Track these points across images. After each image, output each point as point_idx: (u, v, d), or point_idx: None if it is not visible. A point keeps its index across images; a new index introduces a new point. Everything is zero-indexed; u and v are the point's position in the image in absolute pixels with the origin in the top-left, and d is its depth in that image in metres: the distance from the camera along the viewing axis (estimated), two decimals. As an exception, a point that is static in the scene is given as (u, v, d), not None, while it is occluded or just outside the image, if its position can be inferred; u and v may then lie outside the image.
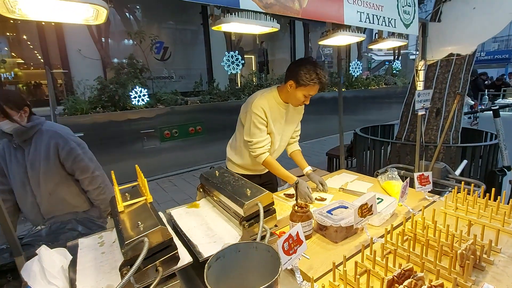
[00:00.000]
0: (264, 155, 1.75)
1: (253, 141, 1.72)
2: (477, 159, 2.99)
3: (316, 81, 1.57)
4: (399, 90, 9.62)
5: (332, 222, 1.27)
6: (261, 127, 1.71)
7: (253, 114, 1.68)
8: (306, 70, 1.56)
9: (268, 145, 1.76)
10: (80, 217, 1.56)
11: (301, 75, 1.57)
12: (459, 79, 3.15)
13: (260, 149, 1.73)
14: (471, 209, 1.41)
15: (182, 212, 1.44)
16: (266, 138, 1.74)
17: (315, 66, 1.57)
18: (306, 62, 1.58)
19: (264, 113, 1.68)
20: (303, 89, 1.61)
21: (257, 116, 1.68)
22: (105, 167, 1.58)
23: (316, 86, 1.60)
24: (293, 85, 1.62)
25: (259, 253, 0.87)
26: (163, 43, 7.50)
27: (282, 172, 1.77)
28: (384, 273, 0.99)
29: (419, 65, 1.73)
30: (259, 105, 1.68)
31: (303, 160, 1.94)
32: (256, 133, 1.71)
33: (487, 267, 1.02)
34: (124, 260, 0.89)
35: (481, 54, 19.19)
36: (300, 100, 1.67)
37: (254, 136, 1.71)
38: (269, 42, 10.61)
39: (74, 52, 6.05)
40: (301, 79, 1.57)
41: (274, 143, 1.82)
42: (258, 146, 1.73)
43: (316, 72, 1.56)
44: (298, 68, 1.58)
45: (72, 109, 4.51)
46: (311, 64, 1.57)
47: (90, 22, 0.67)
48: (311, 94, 1.64)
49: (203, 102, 5.85)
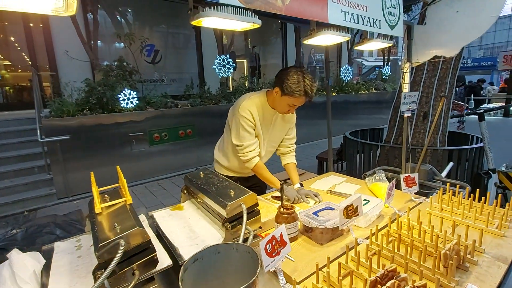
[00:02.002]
0: (255, 159, 1.70)
1: (244, 145, 1.67)
2: (464, 162, 3.03)
3: (301, 93, 1.51)
4: (388, 95, 9.78)
5: (318, 224, 1.26)
6: (249, 130, 1.67)
7: (240, 117, 1.64)
8: (293, 79, 1.50)
9: (258, 149, 1.72)
10: (59, 220, 1.50)
11: (287, 84, 1.51)
12: (445, 83, 3.21)
13: (251, 153, 1.69)
14: (456, 210, 1.41)
15: (165, 214, 1.40)
16: (256, 141, 1.71)
17: (304, 77, 1.51)
18: (295, 72, 1.52)
19: (251, 115, 1.65)
20: (287, 99, 1.55)
21: (244, 119, 1.64)
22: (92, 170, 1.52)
23: (302, 98, 1.54)
24: (279, 93, 1.57)
25: (239, 255, 0.84)
26: (154, 46, 7.45)
27: (269, 177, 1.73)
28: (368, 274, 0.97)
29: (404, 67, 1.75)
30: (246, 107, 1.64)
31: (295, 175, 1.85)
32: (246, 136, 1.66)
33: (471, 267, 1.01)
34: (98, 263, 0.86)
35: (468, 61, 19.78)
36: (285, 108, 1.62)
37: (244, 139, 1.67)
38: (261, 46, 10.68)
39: (61, 54, 5.94)
40: (286, 88, 1.52)
41: (261, 148, 1.78)
42: (249, 149, 1.68)
43: (304, 83, 1.50)
44: (285, 76, 1.52)
45: (58, 111, 4.41)
46: (299, 74, 1.51)
47: (60, 13, 0.64)
48: (295, 104, 1.59)
49: (194, 105, 5.81)
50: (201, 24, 0.93)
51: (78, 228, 1.52)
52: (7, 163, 4.48)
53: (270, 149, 1.88)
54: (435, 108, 3.21)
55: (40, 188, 4.41)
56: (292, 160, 1.92)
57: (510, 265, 1.03)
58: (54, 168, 4.39)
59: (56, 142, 4.23)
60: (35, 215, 4.01)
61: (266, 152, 1.86)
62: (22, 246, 1.30)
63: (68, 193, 4.47)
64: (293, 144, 1.95)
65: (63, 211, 4.09)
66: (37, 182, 4.42)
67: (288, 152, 1.94)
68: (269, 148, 1.87)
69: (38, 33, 6.10)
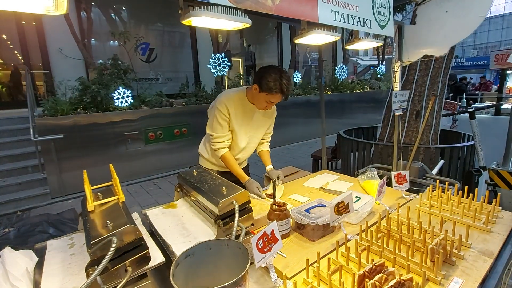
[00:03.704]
0: (222, 150, 1.80)
1: (214, 135, 1.78)
2: (455, 160, 3.08)
3: (278, 90, 1.60)
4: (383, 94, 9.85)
5: (309, 221, 1.27)
6: (222, 123, 1.76)
7: (216, 110, 1.74)
8: (271, 77, 1.59)
9: (228, 142, 1.81)
10: (52, 219, 1.50)
11: (265, 81, 1.60)
12: (438, 82, 3.25)
13: (220, 144, 1.79)
14: (445, 206, 1.44)
15: (158, 212, 1.41)
16: (227, 134, 1.79)
17: (281, 76, 1.60)
18: (273, 70, 1.62)
19: (227, 110, 1.73)
20: (265, 95, 1.64)
21: (220, 112, 1.73)
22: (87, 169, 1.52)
23: (278, 95, 1.63)
24: (257, 89, 1.65)
25: (230, 250, 0.85)
26: (149, 45, 7.40)
27: (236, 170, 1.82)
28: (357, 269, 0.99)
29: (395, 66, 1.78)
30: (223, 102, 1.73)
31: (268, 159, 2.00)
32: (218, 128, 1.76)
33: (457, 261, 1.04)
34: (91, 260, 0.86)
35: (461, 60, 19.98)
36: (263, 104, 1.71)
37: (216, 131, 1.77)
38: (257, 45, 10.67)
39: (55, 52, 5.88)
40: (265, 85, 1.61)
41: (239, 143, 1.86)
42: (218, 140, 1.78)
43: (280, 81, 1.59)
44: (264, 74, 1.62)
45: (51, 110, 4.37)
46: (277, 73, 1.60)
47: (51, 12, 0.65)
48: (272, 101, 1.68)
49: (189, 104, 5.80)
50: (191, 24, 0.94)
51: (71, 227, 1.52)
52: (0, 163, 4.44)
53: (252, 144, 1.96)
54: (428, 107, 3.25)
55: (34, 187, 4.37)
56: (266, 147, 2.07)
57: (495, 259, 1.06)
58: (48, 168, 4.36)
59: (49, 141, 4.20)
60: (28, 215, 3.98)
61: (247, 146, 1.93)
62: (15, 244, 1.31)
63: (62, 192, 4.44)
64: (269, 137, 2.08)
65: (57, 211, 4.06)
66: (30, 181, 4.38)
67: (264, 142, 2.06)
68: (251, 144, 1.95)
69: (31, 31, 6.03)
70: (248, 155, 2.02)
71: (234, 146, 1.87)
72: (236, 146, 1.87)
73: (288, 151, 7.09)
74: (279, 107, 1.95)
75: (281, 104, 1.76)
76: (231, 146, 1.87)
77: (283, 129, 7.26)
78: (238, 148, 1.88)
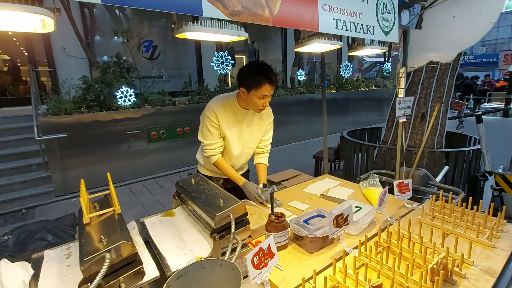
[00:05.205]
0: (214, 157, 1.77)
1: (205, 143, 1.75)
2: (461, 164, 3.02)
3: (265, 81, 1.53)
4: (389, 92, 9.73)
5: (308, 233, 1.25)
6: (212, 130, 1.72)
7: (205, 116, 1.71)
8: (252, 75, 1.54)
9: (219, 149, 1.77)
10: (51, 226, 1.50)
11: (249, 80, 1.55)
12: (444, 85, 3.18)
13: (211, 151, 1.76)
14: (448, 218, 1.41)
15: (156, 221, 1.40)
16: (218, 141, 1.75)
17: (261, 66, 1.55)
18: (251, 66, 1.57)
19: (216, 117, 1.69)
20: (255, 93, 1.57)
21: (208, 119, 1.69)
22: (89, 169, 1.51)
23: (266, 85, 1.55)
24: (245, 92, 1.59)
25: (224, 270, 0.84)
26: (152, 42, 7.39)
27: (231, 173, 1.79)
28: (355, 287, 0.97)
29: (400, 72, 1.73)
30: (212, 108, 1.69)
31: (263, 176, 1.91)
32: (208, 135, 1.73)
33: (458, 280, 1.01)
34: (84, 277, 0.86)
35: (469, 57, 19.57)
36: (258, 104, 1.62)
37: (206, 138, 1.74)
38: (261, 42, 10.59)
39: (59, 51, 5.90)
40: (250, 84, 1.55)
41: (232, 149, 1.80)
42: (209, 148, 1.75)
43: (263, 71, 1.53)
44: (244, 74, 1.57)
45: (55, 108, 4.40)
46: (255, 65, 1.55)
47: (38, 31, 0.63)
48: (265, 94, 1.58)
49: (192, 102, 5.78)
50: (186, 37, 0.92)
51: (70, 234, 1.52)
52: (4, 161, 4.49)
53: (247, 151, 1.88)
54: (433, 109, 3.19)
55: (38, 186, 4.42)
56: (263, 161, 1.95)
57: (497, 278, 1.03)
58: (51, 166, 4.40)
59: (53, 140, 4.23)
60: (33, 213, 4.03)
61: (242, 153, 1.86)
62: (14, 252, 1.31)
63: (66, 191, 4.49)
64: (267, 146, 1.96)
65: (61, 209, 4.12)
66: (35, 180, 4.43)
67: (261, 153, 1.96)
68: (246, 150, 1.87)
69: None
70: (244, 161, 1.95)
71: (228, 153, 1.82)
72: (229, 153, 1.82)
73: (290, 150, 7.05)
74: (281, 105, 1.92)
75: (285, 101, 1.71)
76: (224, 154, 1.82)
77: (286, 127, 7.22)
78: (232, 155, 1.82)
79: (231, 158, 1.84)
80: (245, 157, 1.93)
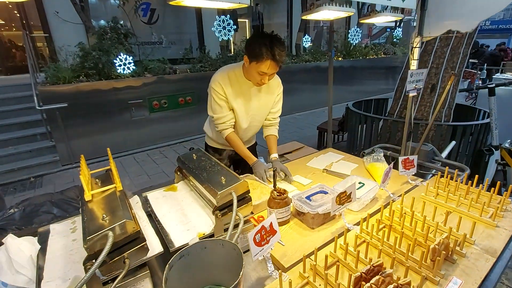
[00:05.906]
0: (226, 131, 1.72)
1: (215, 117, 1.70)
2: (467, 138, 2.96)
3: (268, 56, 1.41)
4: (398, 60, 9.32)
5: (310, 209, 1.25)
6: (220, 103, 1.66)
7: (212, 89, 1.65)
8: (259, 44, 1.42)
9: (230, 122, 1.71)
10: (56, 199, 1.52)
11: (253, 48, 1.44)
12: (458, 54, 3.01)
13: (222, 125, 1.71)
14: (452, 196, 1.40)
15: (158, 195, 1.40)
16: (228, 114, 1.69)
17: (271, 40, 1.42)
18: (262, 36, 1.44)
19: (222, 88, 1.62)
20: (255, 65, 1.47)
21: (215, 92, 1.64)
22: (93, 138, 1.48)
23: (268, 62, 1.44)
24: (247, 61, 1.51)
25: (225, 250, 0.85)
26: (150, 5, 6.98)
27: (242, 151, 1.74)
28: (355, 264, 0.98)
29: (414, 42, 1.61)
30: (217, 80, 1.62)
31: (274, 146, 1.84)
32: (217, 108, 1.68)
33: (459, 259, 1.02)
34: (88, 255, 0.87)
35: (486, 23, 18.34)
36: (256, 78, 1.53)
37: (215, 112, 1.69)
38: (265, 4, 9.97)
39: (53, 15, 5.60)
40: (252, 54, 1.45)
41: (241, 123, 1.75)
42: (220, 122, 1.70)
43: (270, 46, 1.40)
44: (250, 41, 1.48)
45: (54, 77, 4.29)
46: (266, 38, 1.42)
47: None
48: (264, 71, 1.48)
49: (193, 71, 5.61)
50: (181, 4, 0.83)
51: (75, 207, 1.55)
52: (9, 130, 4.50)
53: (255, 124, 1.84)
54: (444, 81, 3.05)
55: (44, 155, 4.47)
56: (274, 132, 1.88)
57: (498, 258, 1.03)
58: (55, 135, 4.41)
59: (54, 109, 4.18)
60: (41, 182, 4.13)
61: (250, 126, 1.82)
62: (20, 225, 1.34)
63: (71, 160, 4.54)
64: (276, 118, 1.90)
65: (68, 178, 4.21)
66: (40, 149, 4.47)
67: (270, 125, 1.90)
68: (254, 123, 1.83)
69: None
70: (251, 134, 1.93)
71: (236, 126, 1.78)
72: (238, 126, 1.78)
73: (294, 120, 6.97)
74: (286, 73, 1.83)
75: (289, 70, 1.63)
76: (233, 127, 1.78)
77: (290, 97, 7.03)
78: (241, 128, 1.79)
79: (239, 131, 1.81)
80: (253, 130, 1.89)
